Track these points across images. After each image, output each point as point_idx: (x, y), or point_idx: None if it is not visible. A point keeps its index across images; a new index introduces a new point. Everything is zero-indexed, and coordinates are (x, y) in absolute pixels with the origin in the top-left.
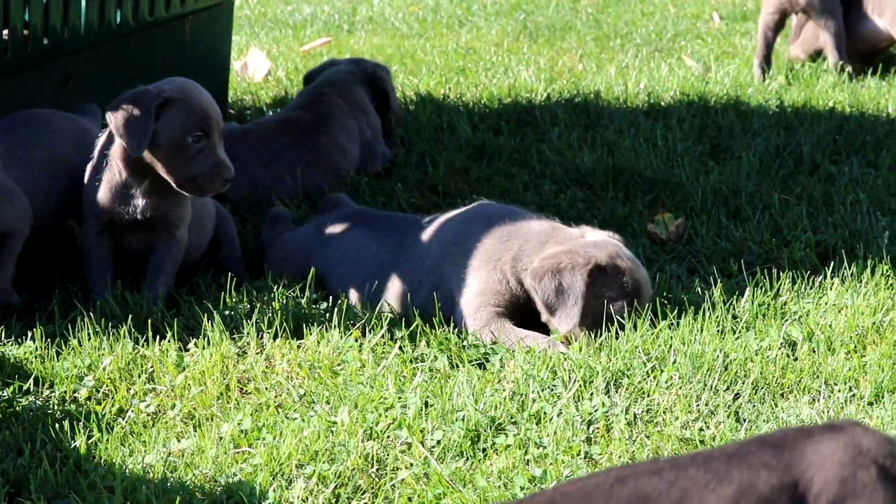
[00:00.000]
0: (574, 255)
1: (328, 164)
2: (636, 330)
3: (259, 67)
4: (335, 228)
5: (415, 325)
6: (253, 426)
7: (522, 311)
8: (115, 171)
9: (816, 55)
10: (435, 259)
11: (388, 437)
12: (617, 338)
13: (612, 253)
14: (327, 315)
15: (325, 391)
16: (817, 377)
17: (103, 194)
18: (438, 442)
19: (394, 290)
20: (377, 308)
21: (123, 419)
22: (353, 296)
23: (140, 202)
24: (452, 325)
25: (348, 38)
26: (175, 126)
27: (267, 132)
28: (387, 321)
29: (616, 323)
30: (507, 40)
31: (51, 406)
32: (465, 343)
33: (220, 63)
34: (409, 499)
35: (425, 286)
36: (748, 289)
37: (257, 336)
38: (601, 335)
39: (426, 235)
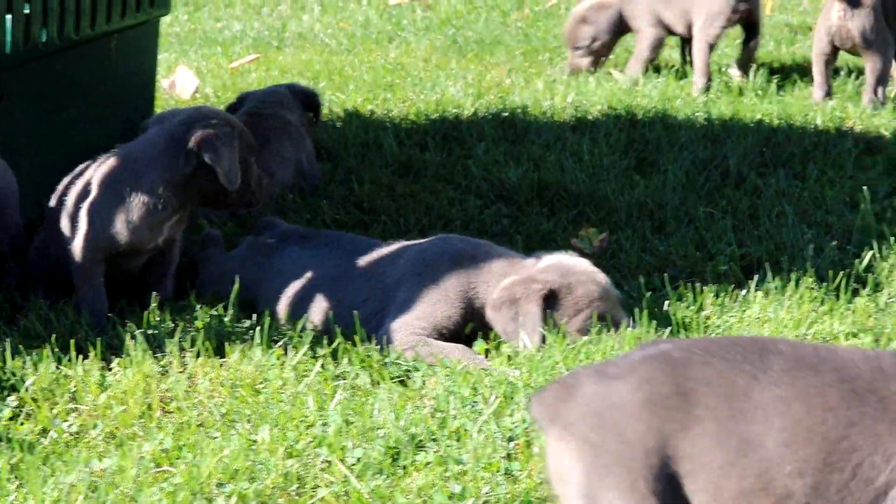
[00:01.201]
0: (528, 283)
1: (256, 185)
2: (556, 345)
3: (187, 85)
4: (270, 247)
5: (337, 342)
6: (174, 445)
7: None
8: (151, 202)
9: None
10: (390, 284)
11: (309, 455)
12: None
13: (563, 273)
14: (251, 333)
15: (247, 410)
16: None
17: (124, 226)
18: (359, 459)
19: (338, 303)
20: (301, 325)
21: (46, 439)
22: (286, 312)
23: (167, 229)
24: (374, 342)
25: (277, 55)
26: (242, 149)
27: None
28: (309, 339)
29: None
30: (435, 56)
31: None
32: (386, 360)
33: (146, 81)
34: None
35: (371, 304)
36: (670, 303)
37: (180, 355)
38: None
39: (382, 258)
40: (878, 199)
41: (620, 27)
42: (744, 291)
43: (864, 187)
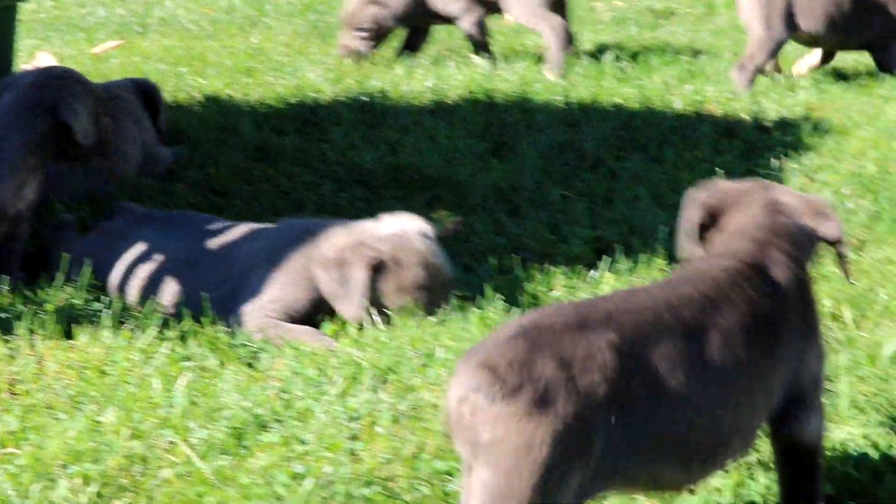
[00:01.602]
0: (359, 248)
1: (108, 169)
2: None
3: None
4: (123, 231)
5: (186, 323)
6: (20, 427)
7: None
8: (15, 163)
9: None
10: (242, 268)
11: (154, 436)
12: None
13: (397, 246)
14: (100, 316)
15: (94, 392)
16: None
17: None
18: (203, 440)
19: (191, 286)
20: (150, 307)
21: None
22: (137, 295)
23: (31, 192)
24: (225, 322)
25: (140, 41)
26: (94, 105)
27: None
28: (158, 321)
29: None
30: (297, 41)
31: None
32: (234, 342)
33: (3, 66)
34: (172, 497)
35: (226, 287)
36: (519, 282)
37: (29, 337)
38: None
39: (234, 241)
40: None
41: (416, 14)
42: (594, 272)
43: (720, 170)
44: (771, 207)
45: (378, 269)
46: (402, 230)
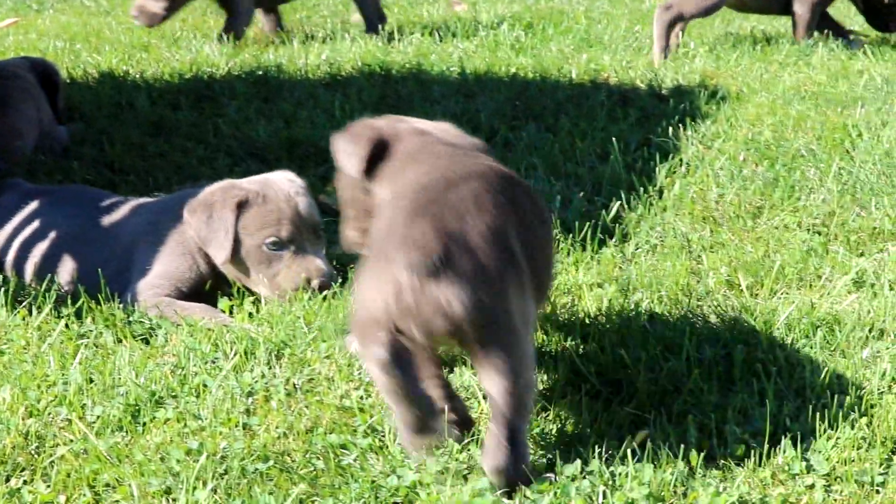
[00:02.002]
0: (226, 190)
1: (4, 146)
2: (298, 301)
3: None
4: (14, 207)
5: (81, 301)
6: None
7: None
8: None
9: None
10: (126, 244)
11: (49, 414)
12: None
13: (264, 185)
14: None
15: None
16: None
17: None
18: (98, 417)
19: (81, 263)
20: (46, 284)
21: None
22: (31, 270)
23: None
24: (118, 301)
25: (36, 18)
26: None
27: None
28: (53, 299)
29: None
30: (192, 16)
31: None
32: (130, 319)
33: None
34: (68, 475)
35: (112, 265)
36: None
37: None
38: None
39: (120, 217)
40: (630, 151)
41: None
42: None
43: (615, 139)
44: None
45: (242, 206)
46: (269, 177)
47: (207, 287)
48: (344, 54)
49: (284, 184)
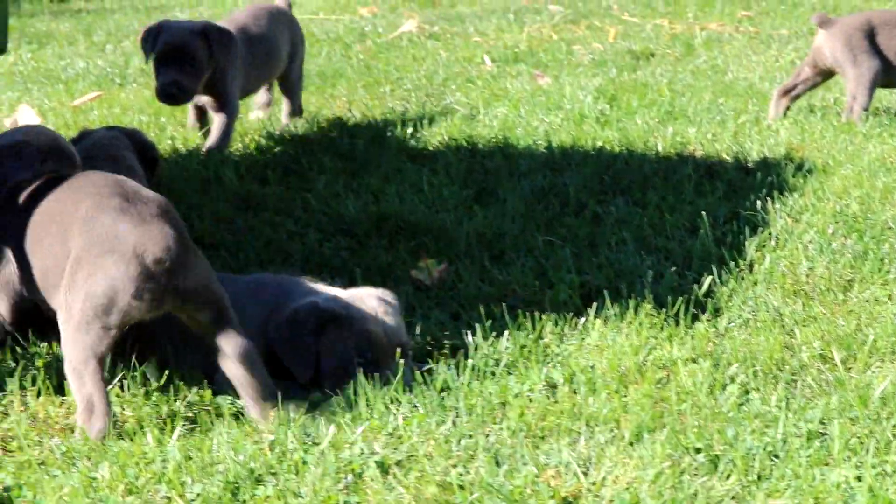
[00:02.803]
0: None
1: None
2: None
3: (29, 123)
4: None
5: (166, 378)
6: (14, 484)
7: None
8: None
9: None
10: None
11: (149, 491)
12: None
13: (344, 306)
14: None
15: (86, 447)
16: (578, 419)
17: None
18: (198, 495)
19: (168, 341)
20: (131, 361)
21: None
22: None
23: None
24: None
25: (119, 92)
26: None
27: None
28: (143, 376)
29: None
30: (277, 90)
31: None
32: (220, 400)
33: None
34: None
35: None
36: (508, 331)
37: (20, 394)
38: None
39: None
40: (718, 225)
41: None
42: (583, 319)
43: (704, 212)
44: None
45: (328, 329)
46: (360, 294)
47: None
48: (429, 128)
49: (372, 301)
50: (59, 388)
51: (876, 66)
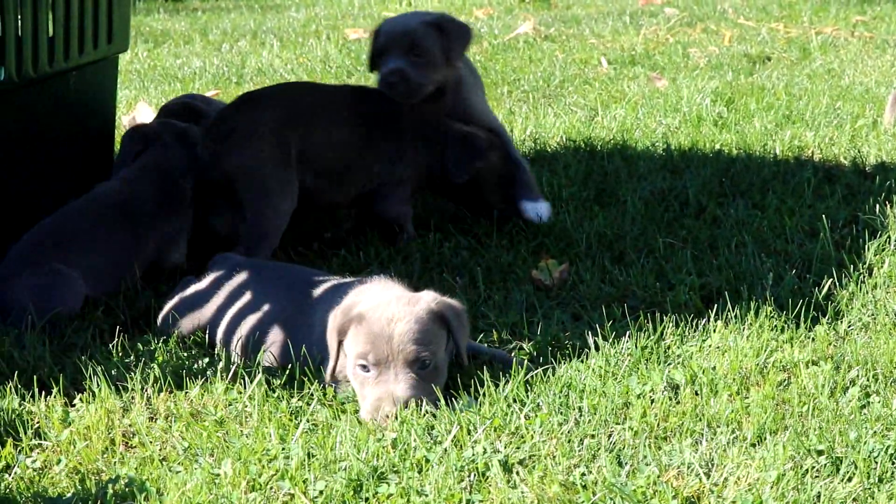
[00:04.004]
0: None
1: None
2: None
3: (147, 121)
4: (223, 281)
5: (296, 375)
6: (137, 479)
7: None
8: None
9: None
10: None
11: (272, 488)
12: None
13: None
14: (211, 368)
15: (209, 443)
16: (700, 420)
17: None
18: (321, 492)
19: (291, 341)
20: (258, 360)
21: (10, 475)
22: (241, 346)
23: None
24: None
25: (236, 90)
26: None
27: None
28: (264, 372)
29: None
30: None
31: None
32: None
33: (105, 117)
34: None
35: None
36: (630, 332)
37: (142, 390)
38: None
39: (324, 296)
40: (838, 228)
41: None
42: (704, 321)
43: (823, 216)
44: None
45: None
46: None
47: None
48: (548, 129)
49: (393, 305)
50: (180, 384)
51: None
